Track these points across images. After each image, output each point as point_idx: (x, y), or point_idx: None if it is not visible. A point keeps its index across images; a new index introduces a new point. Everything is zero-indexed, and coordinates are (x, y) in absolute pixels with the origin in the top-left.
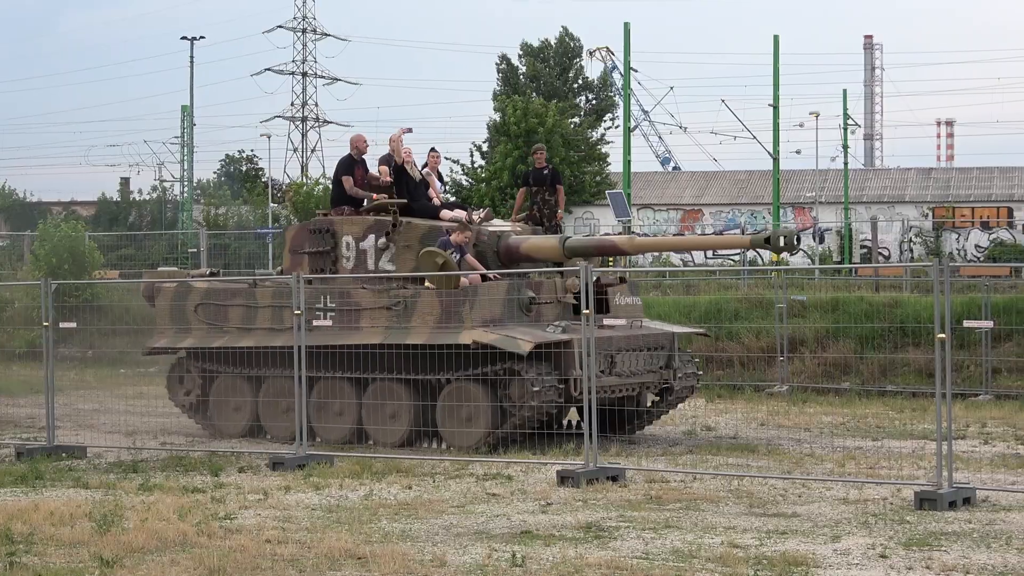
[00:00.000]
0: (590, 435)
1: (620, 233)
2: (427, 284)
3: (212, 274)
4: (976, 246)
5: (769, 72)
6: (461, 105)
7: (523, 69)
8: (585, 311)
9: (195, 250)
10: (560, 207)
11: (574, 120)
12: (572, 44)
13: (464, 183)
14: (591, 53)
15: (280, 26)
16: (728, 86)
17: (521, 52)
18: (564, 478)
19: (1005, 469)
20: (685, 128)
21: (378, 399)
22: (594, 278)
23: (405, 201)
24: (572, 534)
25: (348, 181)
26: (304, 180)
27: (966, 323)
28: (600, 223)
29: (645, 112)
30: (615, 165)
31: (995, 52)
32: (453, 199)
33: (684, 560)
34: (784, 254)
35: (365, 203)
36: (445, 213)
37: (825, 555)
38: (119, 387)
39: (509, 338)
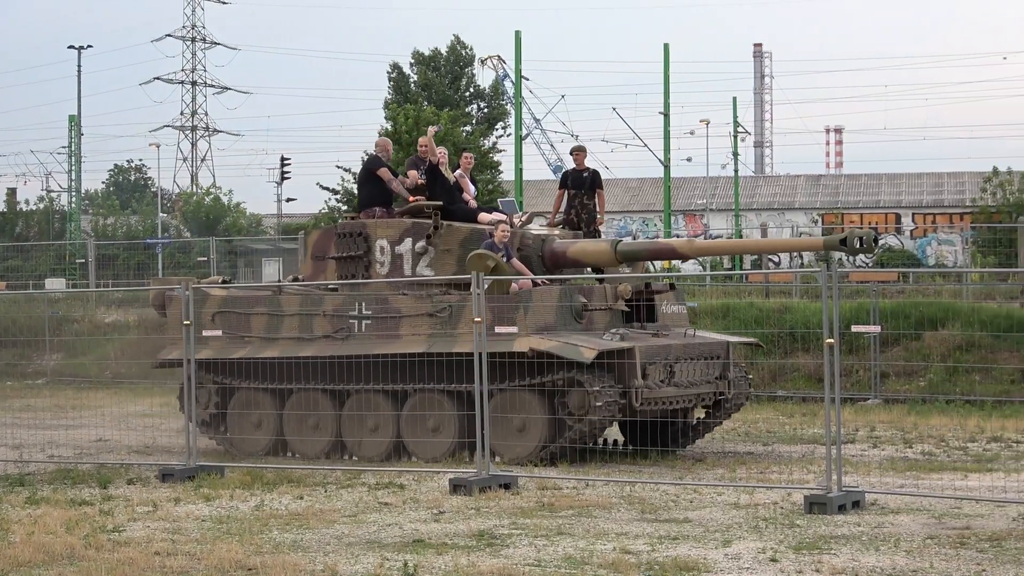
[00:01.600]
0: (482, 443)
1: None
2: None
3: (224, 283)
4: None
5: (660, 80)
6: (353, 114)
7: (414, 78)
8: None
9: (83, 261)
10: (601, 212)
11: (466, 128)
12: (463, 52)
13: (356, 192)
14: (483, 61)
15: (169, 35)
16: (619, 94)
17: (412, 61)
18: (457, 486)
19: (894, 472)
20: (577, 136)
21: (419, 411)
22: (643, 285)
23: (441, 203)
24: (464, 542)
25: (386, 172)
26: (194, 190)
27: (854, 328)
28: None
29: (537, 120)
30: (507, 173)
31: (882, 60)
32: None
33: (576, 567)
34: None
35: (394, 206)
36: (483, 216)
37: (716, 560)
38: (5, 399)
39: (570, 345)
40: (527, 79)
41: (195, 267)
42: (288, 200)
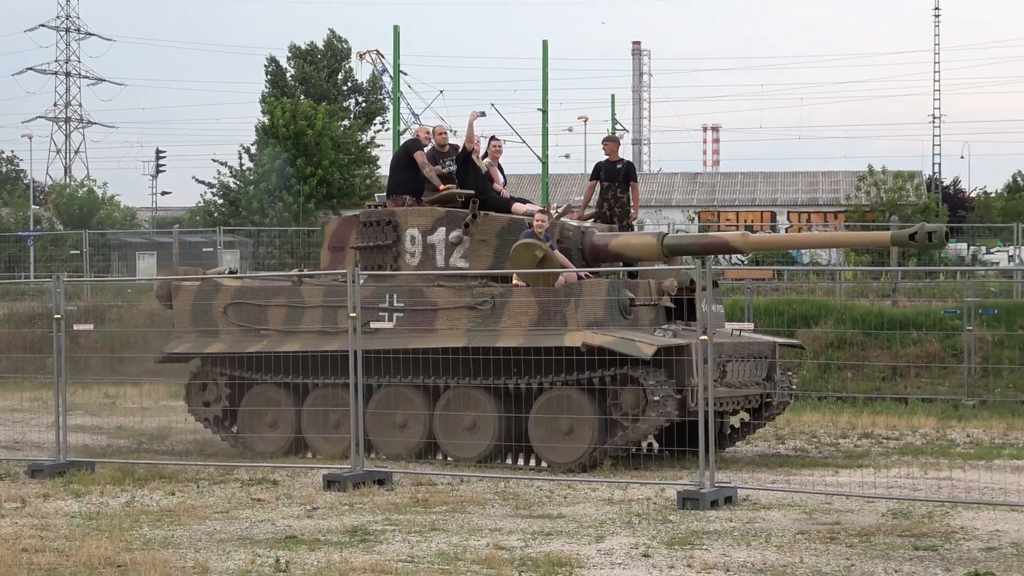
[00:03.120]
0: (357, 440)
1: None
2: (515, 281)
3: (231, 273)
4: None
5: (538, 77)
6: (229, 107)
7: (291, 71)
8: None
9: None
10: (635, 205)
11: (344, 123)
12: (341, 46)
13: (232, 185)
14: (360, 56)
15: (43, 25)
16: (498, 90)
17: (289, 54)
18: (331, 482)
19: (766, 469)
20: (455, 131)
21: (455, 409)
22: (688, 281)
23: (473, 192)
24: (337, 538)
25: (422, 156)
26: (68, 182)
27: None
28: None
29: (415, 115)
30: (385, 168)
31: (759, 60)
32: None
33: (449, 562)
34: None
35: (424, 195)
36: (518, 206)
37: (589, 555)
38: None
39: (627, 340)
40: (405, 74)
41: (67, 260)
42: (163, 193)
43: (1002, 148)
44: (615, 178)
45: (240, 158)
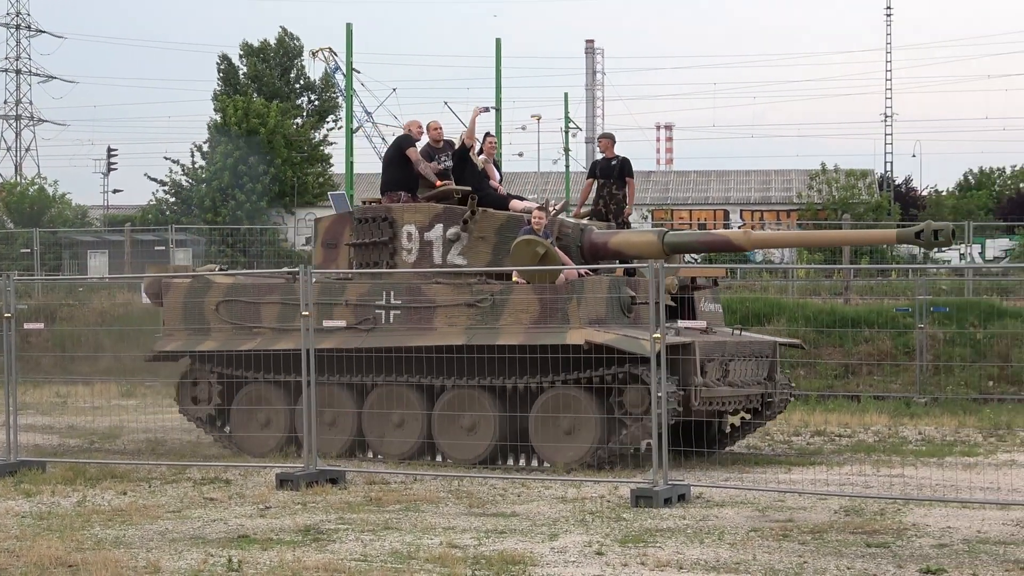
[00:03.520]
0: (309, 438)
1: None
2: (515, 279)
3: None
4: None
5: (492, 75)
6: (181, 105)
7: (244, 69)
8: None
9: None
10: (630, 202)
11: (296, 121)
12: (293, 44)
13: (184, 183)
14: (313, 53)
15: None
16: (451, 88)
17: (242, 52)
18: (283, 481)
19: (719, 467)
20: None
21: (453, 409)
22: (689, 280)
23: (470, 189)
24: (290, 537)
25: (415, 152)
26: (18, 180)
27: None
28: None
29: (368, 113)
30: (338, 166)
31: (711, 58)
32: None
33: (403, 561)
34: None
35: (419, 191)
36: (515, 204)
37: (542, 553)
38: None
39: (630, 338)
40: (358, 72)
41: (18, 259)
42: (115, 191)
43: (953, 147)
44: (610, 175)
45: (192, 156)
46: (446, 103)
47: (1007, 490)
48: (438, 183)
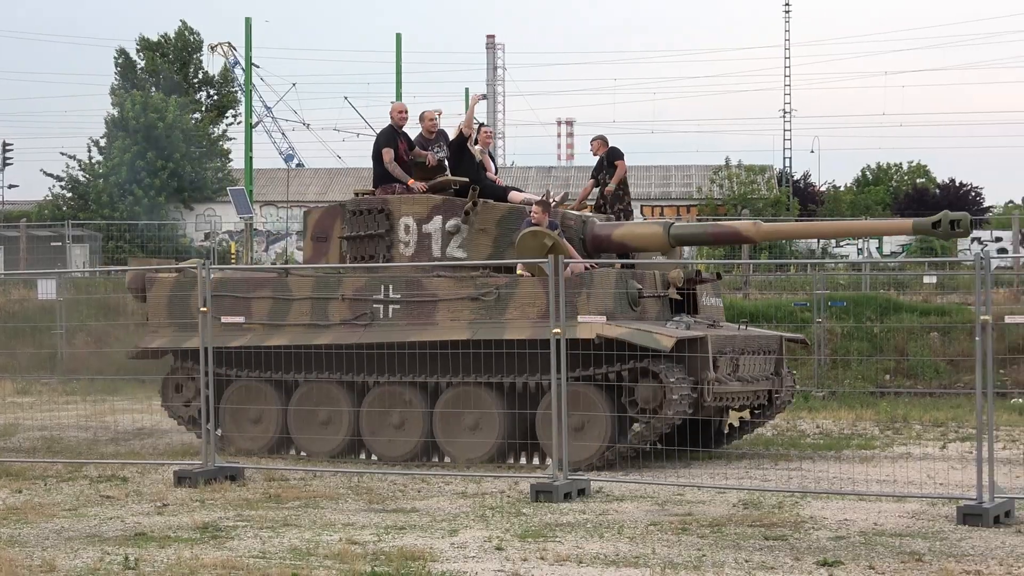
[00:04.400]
0: (209, 434)
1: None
2: (520, 272)
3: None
4: None
5: (392, 70)
6: (78, 99)
7: (142, 63)
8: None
9: None
10: (613, 180)
11: (195, 116)
12: (192, 38)
13: (81, 179)
14: (212, 48)
15: None
16: (352, 83)
17: (139, 46)
18: (181, 478)
19: (619, 461)
20: (308, 125)
21: (456, 407)
22: (696, 273)
23: (468, 180)
24: (188, 535)
25: (388, 154)
26: None
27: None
28: (222, 220)
29: (268, 108)
30: (237, 162)
31: (612, 54)
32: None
33: (301, 558)
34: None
35: (398, 186)
36: (515, 195)
37: (442, 549)
38: None
39: (644, 332)
40: (257, 66)
41: None
42: (10, 187)
43: (851, 143)
44: (600, 170)
45: (89, 151)
46: (346, 98)
47: (903, 483)
48: (410, 182)
